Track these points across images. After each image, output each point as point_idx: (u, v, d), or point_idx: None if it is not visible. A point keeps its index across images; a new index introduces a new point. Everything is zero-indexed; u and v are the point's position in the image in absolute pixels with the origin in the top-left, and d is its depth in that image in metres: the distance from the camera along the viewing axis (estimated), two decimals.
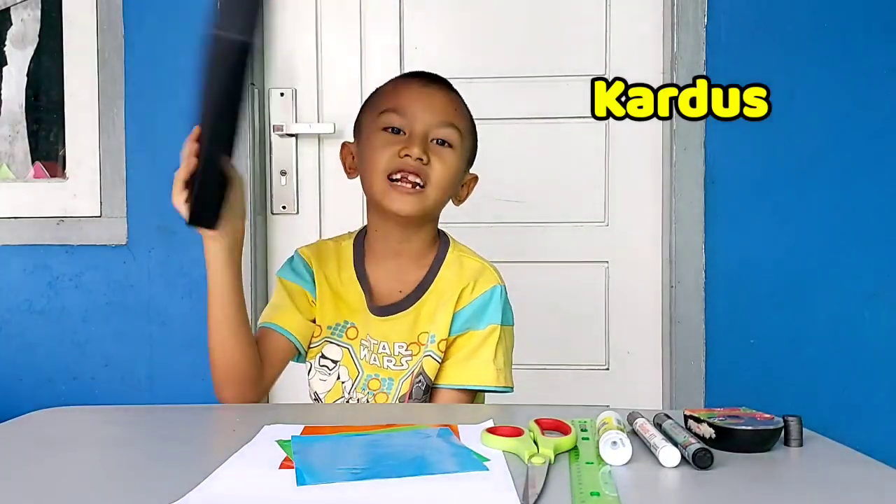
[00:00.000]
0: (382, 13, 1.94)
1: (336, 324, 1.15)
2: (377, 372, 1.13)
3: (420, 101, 1.10)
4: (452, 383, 1.11)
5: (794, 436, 0.79)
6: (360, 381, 1.14)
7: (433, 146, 1.10)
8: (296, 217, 1.96)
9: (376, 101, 1.15)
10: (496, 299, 1.12)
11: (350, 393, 1.14)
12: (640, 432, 0.80)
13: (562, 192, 1.92)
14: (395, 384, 1.12)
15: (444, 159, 1.09)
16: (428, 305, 1.13)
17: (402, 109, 1.10)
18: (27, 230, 1.92)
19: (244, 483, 0.69)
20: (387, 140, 1.09)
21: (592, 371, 1.93)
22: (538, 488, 0.65)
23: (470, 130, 1.16)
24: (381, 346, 1.13)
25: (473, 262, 1.15)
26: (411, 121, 1.09)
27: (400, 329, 1.13)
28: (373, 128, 1.12)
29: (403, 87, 1.13)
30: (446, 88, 1.15)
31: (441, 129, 1.10)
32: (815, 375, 1.82)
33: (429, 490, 0.67)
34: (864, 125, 1.79)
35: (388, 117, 1.10)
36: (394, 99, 1.12)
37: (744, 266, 1.83)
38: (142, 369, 1.91)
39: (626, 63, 1.89)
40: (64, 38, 1.92)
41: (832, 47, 1.80)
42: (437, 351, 1.12)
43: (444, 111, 1.11)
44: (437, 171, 1.09)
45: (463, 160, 1.14)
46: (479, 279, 1.13)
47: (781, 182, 1.82)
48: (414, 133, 1.09)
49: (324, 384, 1.16)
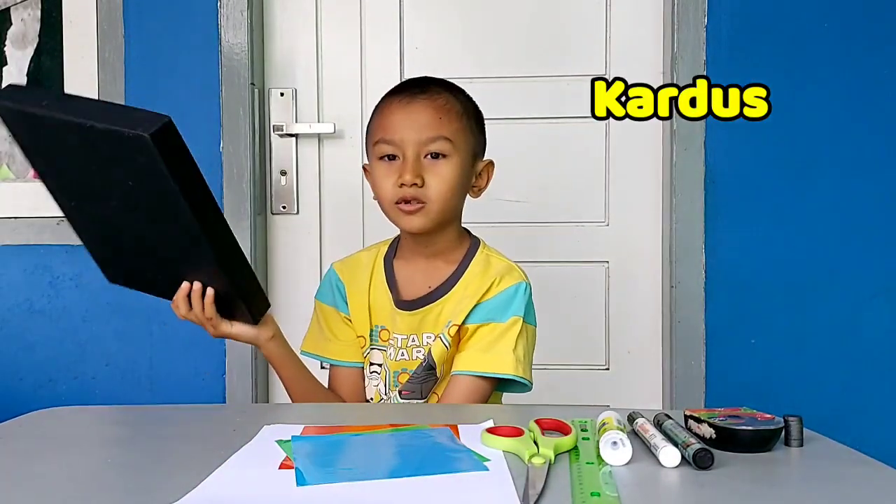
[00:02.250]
0: (382, 13, 1.94)
1: (372, 329, 1.22)
2: (405, 366, 1.18)
3: (404, 122, 1.14)
4: (470, 370, 1.13)
5: (795, 436, 0.79)
6: (390, 380, 1.20)
7: (426, 163, 1.14)
8: (296, 217, 1.96)
9: (371, 128, 1.20)
10: (520, 295, 1.16)
11: (387, 394, 1.20)
12: (640, 432, 0.80)
13: (562, 192, 1.92)
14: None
15: (439, 173, 1.14)
16: (455, 298, 1.17)
17: (391, 136, 1.15)
18: (27, 230, 1.92)
19: (244, 483, 0.69)
20: (385, 171, 1.16)
21: (592, 371, 1.93)
22: (538, 488, 0.65)
23: (465, 128, 1.17)
24: (410, 339, 1.18)
25: (501, 261, 1.20)
26: (401, 146, 1.14)
27: (429, 321, 1.18)
28: (373, 158, 1.18)
29: (388, 112, 1.17)
30: (431, 96, 1.16)
31: (430, 145, 1.14)
32: (815, 375, 1.82)
33: (429, 490, 0.67)
34: (865, 125, 1.79)
35: (381, 148, 1.16)
36: (382, 126, 1.17)
37: (744, 266, 1.83)
38: (142, 369, 1.91)
39: (626, 63, 1.89)
40: (64, 38, 1.91)
41: (832, 47, 1.80)
42: (447, 335, 1.16)
43: (430, 125, 1.14)
44: (433, 188, 1.14)
45: (464, 160, 1.16)
46: (506, 276, 1.17)
47: (781, 182, 1.82)
48: (406, 157, 1.14)
49: (374, 390, 1.23)
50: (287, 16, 1.96)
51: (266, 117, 1.94)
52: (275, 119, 1.94)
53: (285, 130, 1.93)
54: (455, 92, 1.19)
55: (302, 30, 1.96)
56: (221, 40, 1.86)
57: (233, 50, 1.86)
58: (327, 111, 1.95)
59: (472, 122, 1.19)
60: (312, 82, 1.95)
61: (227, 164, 1.87)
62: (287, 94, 1.94)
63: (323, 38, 1.96)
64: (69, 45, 1.91)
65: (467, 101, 1.20)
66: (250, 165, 1.87)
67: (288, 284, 1.95)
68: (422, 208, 1.13)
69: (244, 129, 1.86)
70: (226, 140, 1.87)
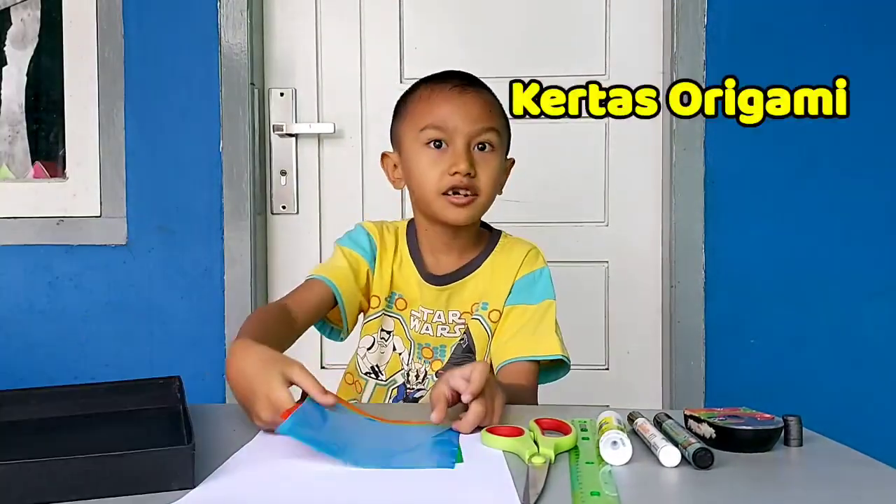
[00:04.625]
0: (382, 13, 1.94)
1: (390, 295, 1.20)
2: (428, 341, 1.18)
3: (459, 111, 1.12)
4: (521, 356, 1.13)
5: (794, 436, 0.79)
6: (414, 351, 1.19)
7: (476, 154, 1.13)
8: (296, 217, 1.96)
9: (414, 113, 1.16)
10: (545, 277, 1.19)
11: (409, 364, 1.19)
12: (640, 432, 0.80)
13: (562, 192, 1.92)
14: (447, 352, 1.18)
15: (489, 164, 1.14)
16: (483, 276, 1.18)
17: (443, 123, 1.12)
18: (27, 230, 1.92)
19: (244, 483, 0.69)
20: (433, 158, 1.12)
21: (592, 371, 1.93)
22: (538, 488, 0.65)
23: (505, 124, 1.19)
24: (436, 315, 1.18)
25: (524, 243, 1.23)
26: (453, 134, 1.12)
27: (456, 298, 1.18)
28: (415, 144, 1.14)
29: (439, 98, 1.14)
30: (480, 89, 1.17)
31: (482, 136, 1.13)
32: (815, 375, 1.82)
33: (429, 490, 0.67)
34: (864, 125, 1.79)
35: (430, 133, 1.13)
36: (432, 112, 1.13)
37: (744, 266, 1.83)
38: (142, 369, 1.91)
39: (626, 63, 1.89)
40: (64, 38, 1.91)
41: (832, 47, 1.80)
42: (488, 319, 1.17)
43: (482, 116, 1.13)
44: (484, 180, 1.13)
45: (503, 156, 1.18)
46: (533, 258, 1.20)
47: (781, 182, 1.82)
48: (457, 146, 1.11)
49: (382, 356, 1.21)
50: (287, 16, 1.96)
51: (266, 117, 1.94)
52: (275, 119, 1.94)
53: (285, 130, 1.93)
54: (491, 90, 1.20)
55: (302, 30, 1.96)
56: (221, 40, 1.86)
57: (232, 50, 1.86)
58: (327, 111, 1.95)
59: (507, 121, 1.21)
60: (312, 82, 1.95)
61: (227, 164, 1.87)
62: (287, 94, 1.94)
63: (323, 38, 1.96)
64: (69, 45, 1.91)
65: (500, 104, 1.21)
66: (250, 165, 1.87)
67: (288, 284, 1.94)
68: (472, 200, 1.12)
69: (244, 129, 1.86)
70: (226, 140, 1.87)
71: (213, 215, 1.88)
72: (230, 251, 1.87)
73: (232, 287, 1.88)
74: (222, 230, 1.88)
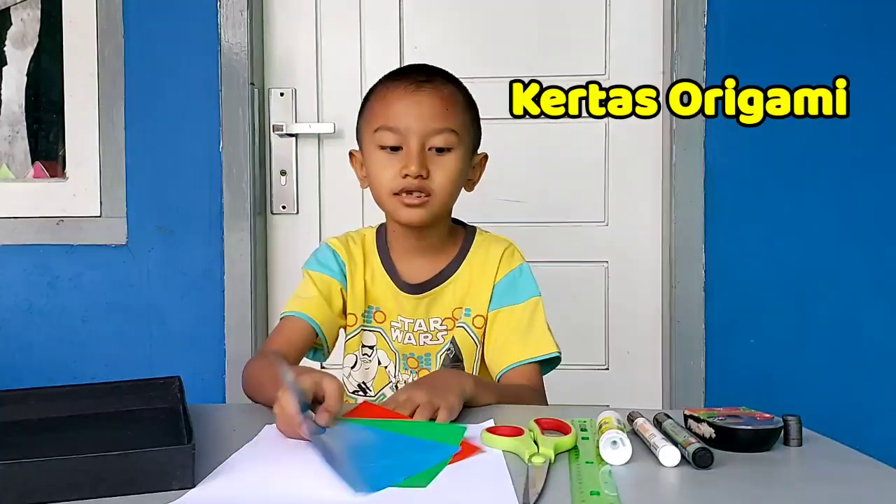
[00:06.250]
0: (382, 13, 1.94)
1: (366, 310, 1.18)
2: (412, 350, 1.17)
3: (411, 111, 1.09)
4: (522, 360, 1.12)
5: (794, 435, 0.79)
6: (400, 362, 1.17)
7: (431, 155, 1.10)
8: (296, 217, 1.96)
9: (370, 113, 1.14)
10: (526, 274, 1.17)
11: (396, 376, 1.18)
12: (640, 432, 0.80)
13: (561, 192, 1.92)
14: (432, 359, 1.17)
15: (443, 166, 1.10)
16: (461, 281, 1.16)
17: (395, 124, 1.09)
18: (27, 230, 1.91)
19: (243, 483, 0.69)
20: (385, 160, 1.10)
21: (592, 371, 1.93)
22: (538, 488, 0.65)
23: (468, 121, 1.14)
24: (416, 323, 1.16)
25: (500, 241, 1.20)
26: (406, 135, 1.09)
27: (435, 305, 1.16)
28: (371, 145, 1.13)
29: (393, 98, 1.11)
30: (437, 86, 1.12)
31: (437, 137, 1.09)
32: (815, 375, 1.82)
33: (429, 490, 0.67)
34: (864, 125, 1.79)
35: (383, 136, 1.10)
36: (386, 113, 1.11)
37: (744, 266, 1.83)
38: (142, 369, 1.91)
39: (626, 63, 1.89)
40: (64, 38, 1.91)
41: (832, 47, 1.80)
42: (472, 326, 1.15)
43: (437, 116, 1.09)
44: (438, 181, 1.10)
45: (465, 154, 1.14)
46: (509, 256, 1.17)
47: (781, 182, 1.82)
48: (410, 148, 1.08)
49: (367, 373, 1.19)
50: (287, 16, 1.96)
51: (266, 117, 1.94)
52: (274, 119, 1.94)
53: (285, 130, 1.93)
54: (457, 83, 1.16)
55: (302, 30, 1.96)
56: (221, 40, 1.86)
57: (232, 50, 1.86)
58: (327, 111, 1.95)
59: (474, 115, 1.17)
60: (312, 82, 1.95)
61: (227, 164, 1.87)
62: (287, 93, 1.94)
63: (323, 38, 1.96)
64: (69, 45, 1.91)
65: (467, 92, 1.17)
66: (250, 165, 1.87)
67: (288, 284, 1.95)
68: (426, 201, 1.09)
69: (244, 129, 1.86)
70: (225, 140, 1.87)
71: (213, 215, 1.88)
72: (230, 251, 1.87)
73: (232, 287, 1.87)
74: (222, 230, 1.88)
